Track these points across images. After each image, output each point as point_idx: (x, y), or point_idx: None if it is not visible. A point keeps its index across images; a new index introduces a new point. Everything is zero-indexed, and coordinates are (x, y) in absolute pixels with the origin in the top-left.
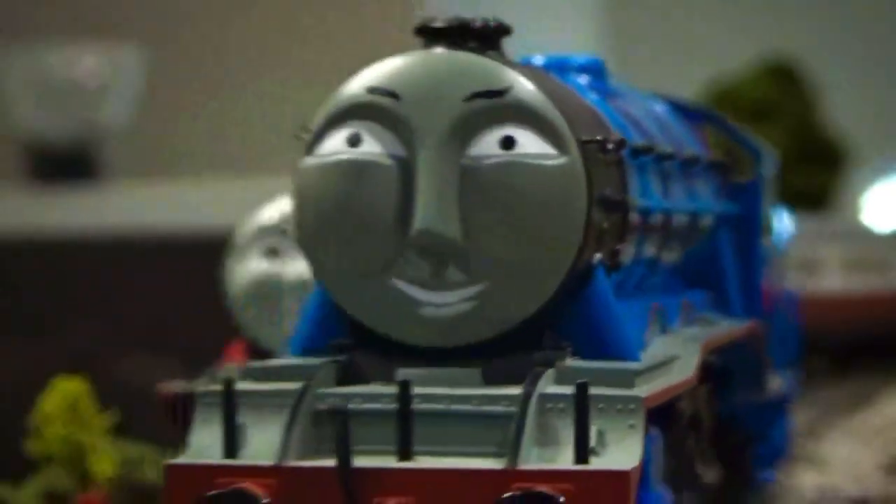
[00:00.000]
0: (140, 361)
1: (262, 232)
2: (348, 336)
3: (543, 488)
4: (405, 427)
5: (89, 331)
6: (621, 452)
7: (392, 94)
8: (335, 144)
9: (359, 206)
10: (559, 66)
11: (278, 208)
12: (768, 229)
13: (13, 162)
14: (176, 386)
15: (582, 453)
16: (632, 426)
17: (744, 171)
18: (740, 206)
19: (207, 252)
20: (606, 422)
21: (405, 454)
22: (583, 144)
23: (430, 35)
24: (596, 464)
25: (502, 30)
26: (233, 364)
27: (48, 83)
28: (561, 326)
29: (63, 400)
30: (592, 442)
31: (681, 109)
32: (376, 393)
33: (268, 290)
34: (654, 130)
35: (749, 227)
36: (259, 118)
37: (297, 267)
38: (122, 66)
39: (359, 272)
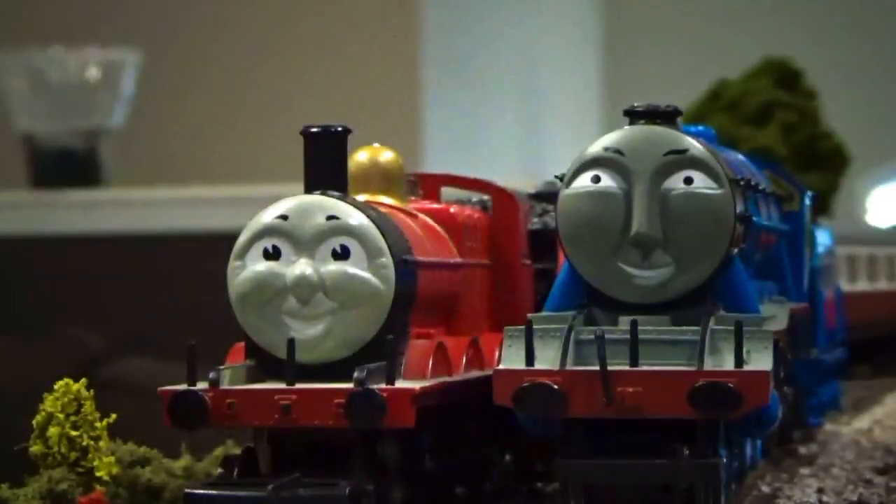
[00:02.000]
0: (140, 362)
1: (263, 234)
2: (586, 297)
3: (719, 379)
4: (634, 346)
5: (89, 331)
6: (761, 362)
7: (619, 152)
8: (584, 182)
9: (599, 218)
10: (686, 132)
11: (277, 210)
12: (811, 244)
13: (13, 164)
14: (178, 386)
15: (739, 361)
16: (766, 347)
17: (792, 202)
18: (791, 226)
19: (208, 254)
20: (751, 345)
21: (635, 362)
22: (731, 181)
23: (635, 115)
24: (748, 367)
25: (678, 112)
26: (234, 364)
27: (47, 87)
28: (715, 291)
29: (64, 400)
30: (744, 356)
31: (752, 159)
32: (614, 329)
33: (269, 290)
34: (749, 174)
35: (797, 241)
36: (258, 124)
37: (296, 268)
38: (121, 71)
39: (597, 257)
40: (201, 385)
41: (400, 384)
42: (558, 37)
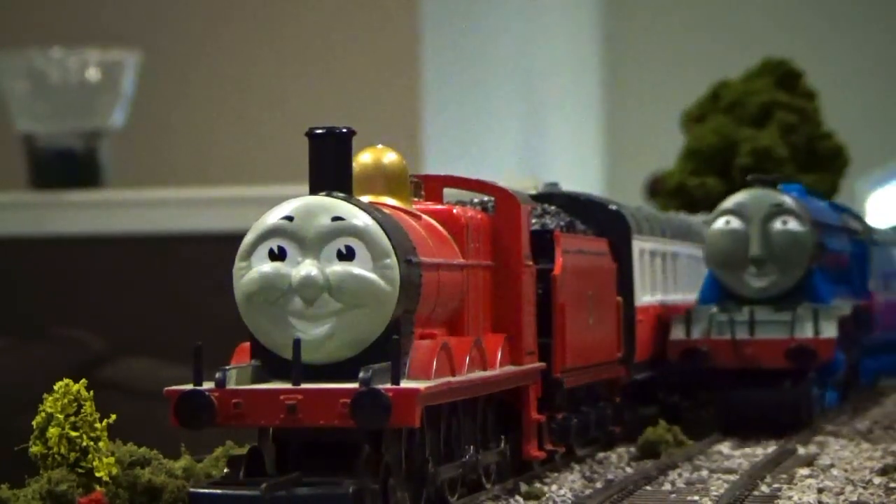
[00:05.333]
0: (140, 362)
1: (269, 235)
2: (722, 295)
3: (804, 343)
4: (752, 324)
5: (89, 332)
6: (829, 332)
7: (741, 205)
8: (720, 224)
9: (730, 247)
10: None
11: (283, 211)
12: (872, 259)
13: (13, 164)
14: (184, 386)
15: (816, 332)
16: (833, 324)
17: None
18: (858, 249)
19: (208, 254)
20: (823, 322)
21: (752, 334)
22: (811, 222)
23: (748, 183)
24: (821, 336)
25: (779, 180)
26: (240, 364)
27: (47, 87)
28: (802, 290)
29: (64, 401)
30: (819, 328)
31: (833, 205)
32: (739, 314)
33: (274, 291)
34: (827, 215)
35: (862, 259)
36: (258, 125)
37: (302, 269)
38: (121, 71)
39: (729, 270)
40: (207, 385)
41: (405, 384)
42: (559, 38)
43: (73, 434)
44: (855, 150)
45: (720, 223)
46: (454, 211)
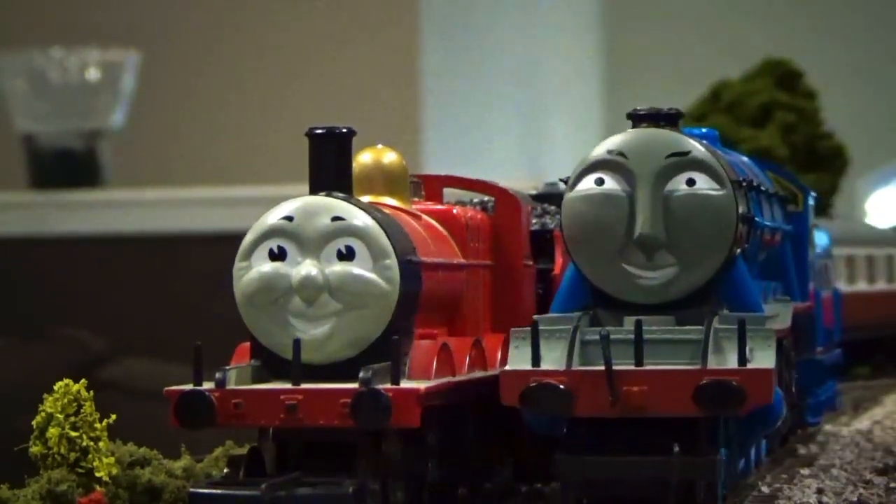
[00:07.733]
0: (140, 362)
1: (269, 235)
2: (591, 299)
3: (723, 378)
4: (639, 346)
5: (90, 332)
6: (764, 359)
7: (622, 154)
8: (588, 184)
9: (603, 220)
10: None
11: (283, 211)
12: (812, 244)
13: (13, 164)
14: (184, 386)
15: (742, 359)
16: (769, 345)
17: (796, 204)
18: (795, 227)
19: (208, 254)
20: (754, 343)
21: (640, 362)
22: (733, 182)
23: (637, 118)
24: (751, 365)
25: (679, 115)
26: (240, 364)
27: (47, 87)
28: (718, 291)
29: (64, 401)
30: (747, 354)
31: (756, 161)
32: (619, 329)
33: (274, 291)
34: (752, 175)
35: (800, 242)
36: (258, 125)
37: (301, 269)
38: (121, 71)
39: (601, 259)
40: (207, 385)
41: (405, 384)
42: (559, 38)
43: (73, 434)
44: (855, 150)
45: (587, 184)
46: (454, 211)
